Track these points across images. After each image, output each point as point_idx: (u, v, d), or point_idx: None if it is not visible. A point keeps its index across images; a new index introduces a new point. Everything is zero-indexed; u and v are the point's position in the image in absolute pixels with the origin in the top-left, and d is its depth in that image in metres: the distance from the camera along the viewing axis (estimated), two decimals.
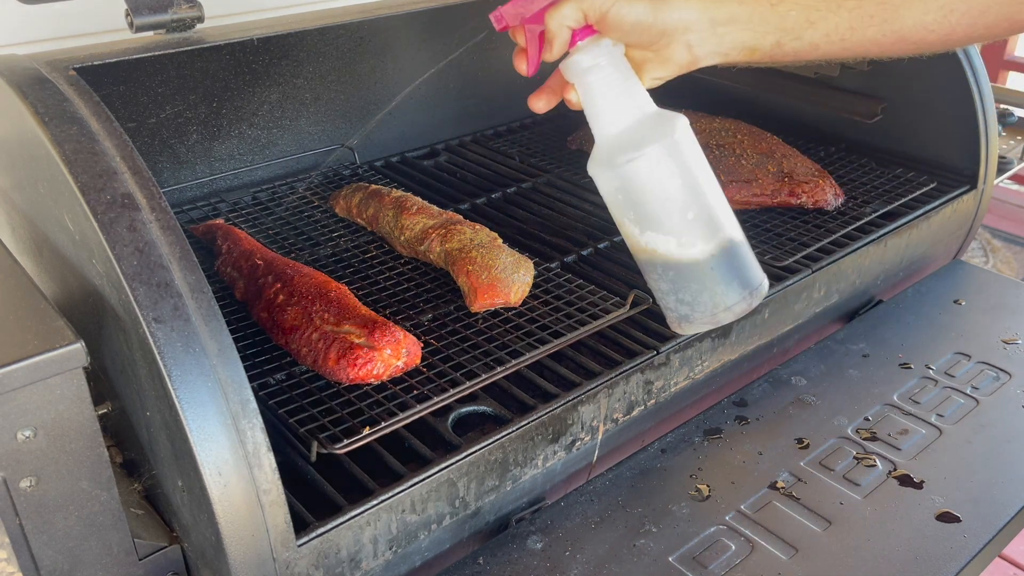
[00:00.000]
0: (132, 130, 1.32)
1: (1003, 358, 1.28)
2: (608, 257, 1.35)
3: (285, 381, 1.02)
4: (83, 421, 0.72)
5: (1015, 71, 3.03)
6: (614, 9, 0.85)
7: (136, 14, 0.93)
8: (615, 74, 0.92)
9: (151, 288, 0.73)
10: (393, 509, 0.88)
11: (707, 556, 0.95)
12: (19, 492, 0.70)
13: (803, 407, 1.19)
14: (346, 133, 1.60)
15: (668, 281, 0.97)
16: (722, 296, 0.96)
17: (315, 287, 1.07)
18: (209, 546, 0.78)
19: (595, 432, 1.07)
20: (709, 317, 0.97)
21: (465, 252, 1.16)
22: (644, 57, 0.91)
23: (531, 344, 1.07)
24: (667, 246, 0.95)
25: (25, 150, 0.86)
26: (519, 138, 1.80)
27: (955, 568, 0.94)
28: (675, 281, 0.97)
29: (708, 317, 0.97)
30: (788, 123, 1.78)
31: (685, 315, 0.98)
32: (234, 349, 0.75)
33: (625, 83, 0.93)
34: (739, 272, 0.96)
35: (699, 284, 0.96)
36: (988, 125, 1.52)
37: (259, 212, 1.44)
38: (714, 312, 0.96)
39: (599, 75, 0.92)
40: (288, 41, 1.41)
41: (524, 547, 0.97)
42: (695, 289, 0.96)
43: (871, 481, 1.05)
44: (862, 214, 1.44)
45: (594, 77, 0.92)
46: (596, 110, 0.94)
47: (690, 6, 0.86)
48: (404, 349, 0.99)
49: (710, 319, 0.97)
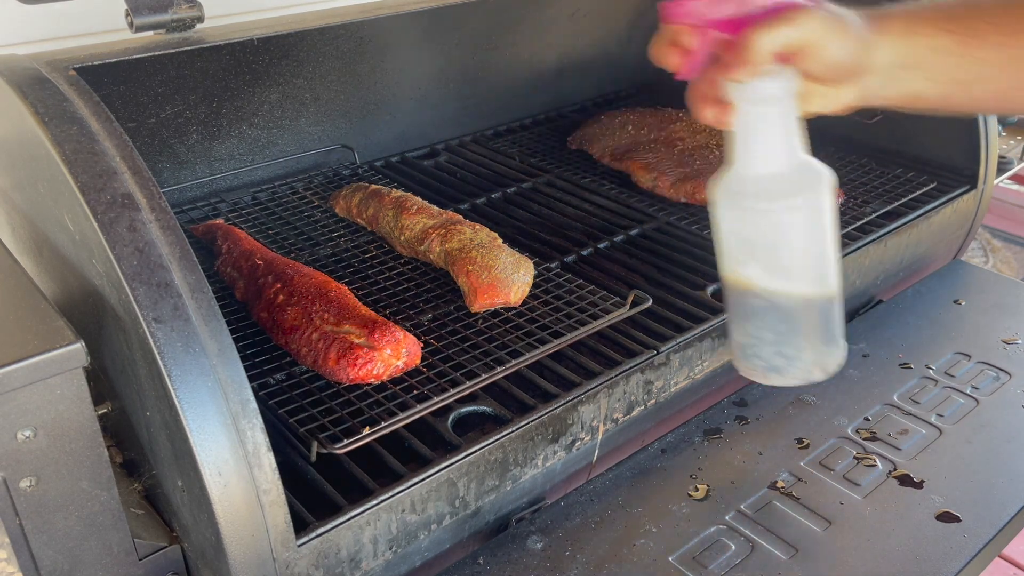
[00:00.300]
0: (132, 130, 1.32)
1: (1003, 358, 1.28)
2: (608, 257, 1.35)
3: (285, 381, 1.02)
4: (83, 421, 0.72)
5: None
6: (822, 44, 0.80)
7: (136, 14, 0.93)
8: (787, 111, 0.87)
9: (151, 288, 0.73)
10: (393, 509, 0.88)
11: (707, 556, 0.95)
12: (19, 492, 0.70)
13: (803, 407, 1.19)
14: (346, 133, 1.60)
15: (775, 332, 0.95)
16: (823, 354, 0.96)
17: (315, 287, 1.07)
18: (209, 546, 0.78)
19: (595, 432, 1.07)
20: (804, 374, 0.95)
21: (465, 252, 1.16)
22: (810, 90, 0.86)
23: (531, 344, 1.07)
24: (790, 293, 0.93)
25: (25, 150, 0.86)
26: (519, 138, 1.80)
27: (955, 568, 0.94)
28: (784, 334, 0.95)
29: (803, 374, 0.95)
30: None
31: (778, 367, 0.96)
32: (234, 349, 0.75)
33: (791, 123, 0.88)
34: (840, 332, 0.97)
35: (806, 340, 0.95)
36: (988, 125, 1.52)
37: (259, 212, 1.44)
38: (810, 369, 0.95)
39: (773, 109, 0.87)
40: (288, 41, 1.41)
41: (524, 547, 0.97)
42: (800, 344, 0.95)
43: (871, 481, 1.05)
44: (862, 214, 1.44)
45: (767, 109, 0.87)
46: (753, 144, 0.89)
47: (889, 48, 0.82)
48: (404, 349, 0.99)
49: (803, 376, 0.95)
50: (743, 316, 0.98)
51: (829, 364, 0.97)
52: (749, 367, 0.99)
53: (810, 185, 0.90)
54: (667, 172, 1.52)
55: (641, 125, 1.68)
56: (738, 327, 0.99)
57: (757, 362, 0.98)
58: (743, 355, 1.00)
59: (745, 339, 0.99)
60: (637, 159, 1.57)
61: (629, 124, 1.70)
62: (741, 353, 1.00)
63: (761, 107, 0.86)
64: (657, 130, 1.66)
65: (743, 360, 1.00)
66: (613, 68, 2.01)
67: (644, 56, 0.89)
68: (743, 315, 0.98)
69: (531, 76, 1.83)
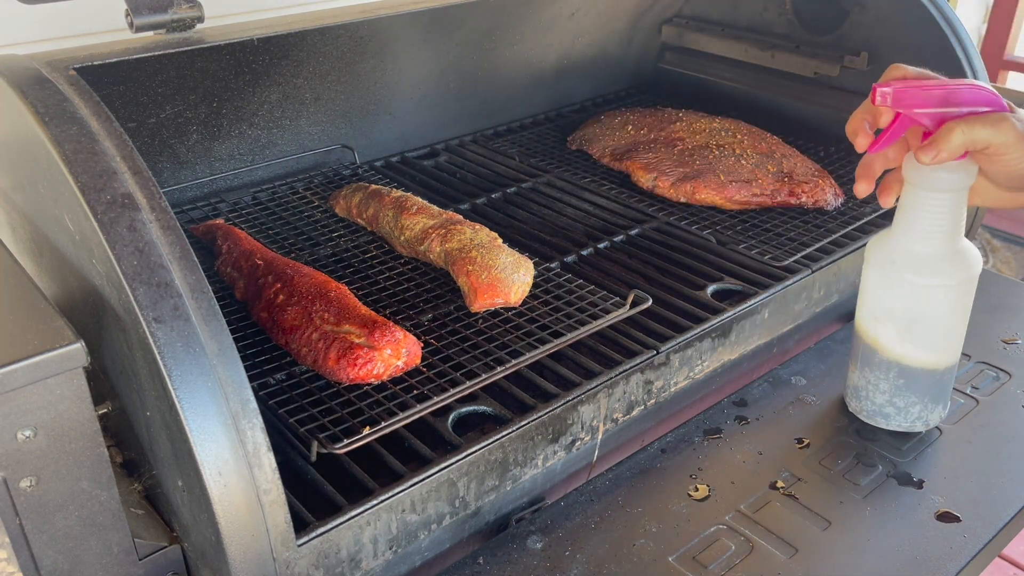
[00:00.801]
0: (132, 130, 1.32)
1: (1003, 358, 1.28)
2: (608, 257, 1.35)
3: (285, 381, 1.02)
4: (83, 421, 0.72)
5: (1015, 71, 3.03)
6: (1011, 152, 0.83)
7: (136, 14, 0.93)
8: (958, 201, 0.93)
9: (151, 288, 0.73)
10: (393, 509, 0.88)
11: (707, 556, 0.95)
12: (19, 492, 0.70)
13: (803, 407, 1.19)
14: (346, 133, 1.60)
15: (893, 385, 1.06)
16: (930, 411, 1.07)
17: (315, 287, 1.07)
18: (209, 546, 0.78)
19: (595, 432, 1.07)
20: (908, 425, 1.08)
21: (465, 252, 1.16)
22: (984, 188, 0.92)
23: (531, 344, 1.07)
24: (917, 359, 1.02)
25: (25, 150, 0.86)
26: (519, 138, 1.80)
27: (955, 568, 0.94)
28: (902, 388, 1.06)
29: (907, 424, 1.08)
30: (788, 123, 1.78)
31: (887, 415, 1.08)
32: (234, 349, 0.75)
33: (959, 212, 0.94)
34: (949, 393, 1.08)
35: (918, 396, 1.05)
36: None
37: (259, 212, 1.44)
38: (914, 422, 1.07)
39: (946, 196, 0.92)
40: (288, 41, 1.41)
41: (524, 547, 0.97)
42: (913, 400, 1.06)
43: (871, 481, 1.05)
44: (862, 214, 1.44)
45: (941, 196, 0.92)
46: (919, 223, 0.95)
47: None
48: (404, 349, 0.99)
49: (907, 426, 1.08)
50: (865, 362, 1.08)
51: (932, 419, 1.09)
52: (858, 406, 1.11)
53: (962, 270, 0.96)
54: (667, 172, 1.52)
55: (641, 125, 1.69)
56: (858, 369, 1.10)
57: (867, 404, 1.10)
58: (855, 395, 1.12)
59: (861, 382, 1.10)
60: (637, 159, 1.57)
61: (629, 124, 1.70)
62: (853, 392, 1.12)
63: (936, 193, 0.92)
64: (657, 130, 1.66)
65: (853, 399, 1.12)
66: (613, 68, 2.02)
67: (644, 56, 0.89)
68: (866, 361, 1.08)
69: (531, 76, 1.83)
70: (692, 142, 1.59)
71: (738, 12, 1.88)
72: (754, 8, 1.85)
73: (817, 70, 1.72)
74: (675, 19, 2.00)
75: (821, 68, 1.71)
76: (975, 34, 3.10)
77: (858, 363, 1.09)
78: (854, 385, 1.11)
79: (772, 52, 1.79)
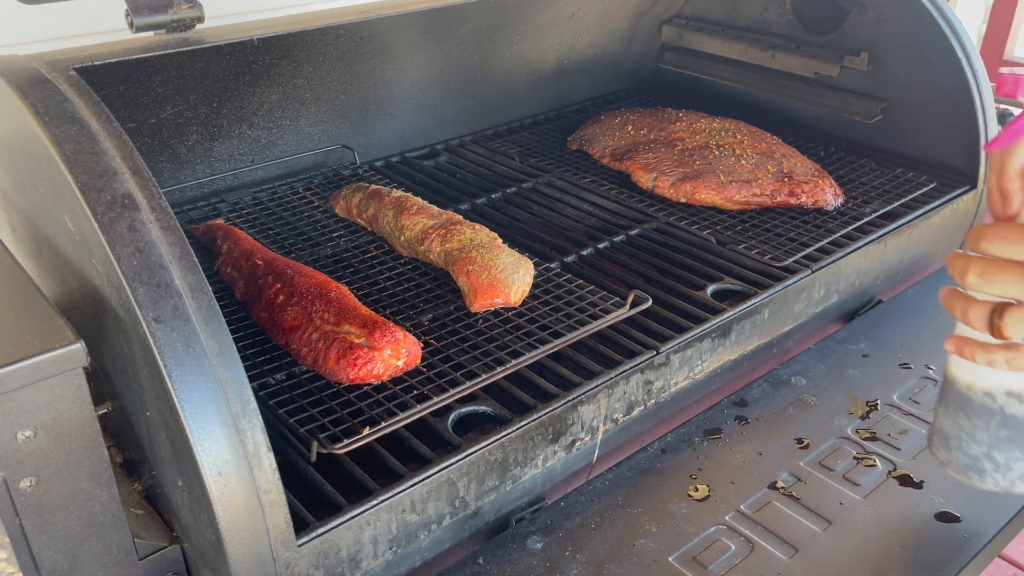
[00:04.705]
0: (132, 130, 1.32)
1: None
2: (608, 257, 1.35)
3: (285, 381, 1.02)
4: (83, 421, 0.72)
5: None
6: None
7: (136, 14, 0.93)
8: None
9: (151, 288, 0.73)
10: (393, 509, 0.88)
11: (707, 556, 0.95)
12: (19, 492, 0.70)
13: (803, 407, 1.19)
14: (346, 133, 1.60)
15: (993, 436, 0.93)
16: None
17: (315, 287, 1.07)
18: (209, 546, 0.78)
19: (595, 432, 1.07)
20: (1006, 484, 0.93)
21: (465, 252, 1.16)
22: None
23: (531, 344, 1.07)
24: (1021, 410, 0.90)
25: (25, 150, 0.86)
26: (519, 138, 1.80)
27: (955, 568, 0.94)
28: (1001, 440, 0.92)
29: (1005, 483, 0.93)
30: (788, 123, 1.79)
31: (982, 470, 0.93)
32: (234, 349, 0.75)
33: None
34: None
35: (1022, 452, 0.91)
36: (988, 125, 1.52)
37: (259, 212, 1.44)
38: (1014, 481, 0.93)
39: None
40: (288, 41, 1.41)
41: (524, 547, 0.97)
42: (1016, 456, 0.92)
43: (871, 481, 1.05)
44: (862, 214, 1.44)
45: None
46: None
47: None
48: (404, 349, 0.99)
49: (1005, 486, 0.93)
50: (960, 409, 0.94)
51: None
52: (948, 457, 0.96)
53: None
54: (667, 172, 1.52)
55: (641, 125, 1.69)
56: (950, 417, 0.95)
57: (959, 456, 0.94)
58: (945, 444, 0.96)
59: (954, 431, 0.95)
60: (637, 159, 1.57)
61: (629, 124, 1.70)
62: (943, 441, 0.96)
63: None
64: (657, 130, 1.66)
65: (943, 449, 0.97)
66: (613, 68, 2.02)
67: (644, 56, 0.89)
68: (961, 408, 0.94)
69: (531, 76, 1.83)
70: (692, 142, 1.59)
71: (738, 12, 1.88)
72: (754, 8, 1.85)
73: (817, 70, 1.72)
74: (675, 19, 2.00)
75: (821, 68, 1.71)
76: (975, 34, 3.10)
77: (951, 409, 0.95)
78: (944, 434, 0.96)
79: (772, 52, 1.79)
